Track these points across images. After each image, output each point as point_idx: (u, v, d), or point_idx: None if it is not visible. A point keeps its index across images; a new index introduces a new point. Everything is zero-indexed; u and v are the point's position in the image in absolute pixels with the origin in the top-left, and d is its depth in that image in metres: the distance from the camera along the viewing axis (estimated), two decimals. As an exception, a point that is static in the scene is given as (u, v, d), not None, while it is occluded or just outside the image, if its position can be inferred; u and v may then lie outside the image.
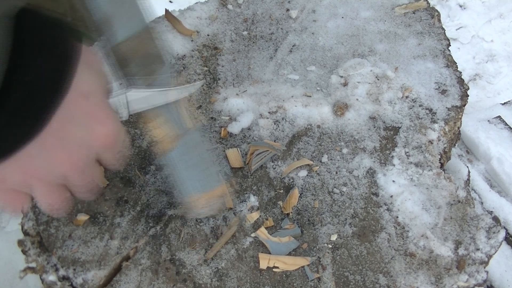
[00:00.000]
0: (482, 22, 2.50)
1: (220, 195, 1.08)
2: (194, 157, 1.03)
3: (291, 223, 1.13)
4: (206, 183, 1.05)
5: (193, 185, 1.04)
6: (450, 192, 1.18)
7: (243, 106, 1.32)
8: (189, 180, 1.04)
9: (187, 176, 1.04)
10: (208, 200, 1.06)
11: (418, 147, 1.25)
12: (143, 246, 1.09)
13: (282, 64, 1.42)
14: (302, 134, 1.28)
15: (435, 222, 1.14)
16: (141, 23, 0.95)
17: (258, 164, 1.21)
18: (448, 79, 1.38)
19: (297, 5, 1.58)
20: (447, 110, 1.31)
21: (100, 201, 1.15)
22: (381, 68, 1.40)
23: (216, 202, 1.08)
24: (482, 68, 2.34)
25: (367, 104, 1.33)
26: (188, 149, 1.02)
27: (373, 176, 1.21)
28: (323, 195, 1.18)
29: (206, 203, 1.06)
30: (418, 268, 1.08)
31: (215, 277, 1.06)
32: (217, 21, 1.52)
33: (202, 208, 1.07)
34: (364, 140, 1.27)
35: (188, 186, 1.04)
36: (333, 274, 1.07)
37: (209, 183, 1.05)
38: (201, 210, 1.07)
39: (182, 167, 1.03)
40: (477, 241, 1.12)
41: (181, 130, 1.00)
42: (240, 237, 1.11)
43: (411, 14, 1.54)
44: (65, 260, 1.06)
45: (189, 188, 1.04)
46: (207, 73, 1.39)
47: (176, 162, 1.02)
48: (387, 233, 1.13)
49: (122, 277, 1.05)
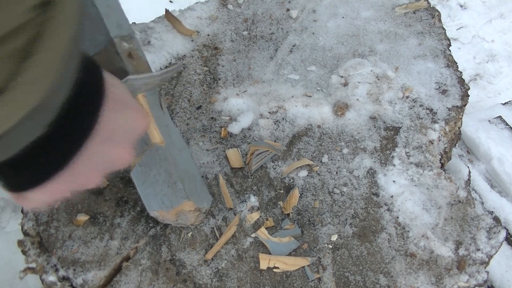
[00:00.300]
0: (483, 22, 2.49)
1: (189, 210, 1.06)
2: (161, 172, 1.02)
3: (291, 223, 1.13)
4: (173, 198, 1.04)
5: (158, 201, 1.04)
6: (450, 192, 1.18)
7: (243, 106, 1.32)
8: (153, 197, 1.04)
9: (153, 192, 1.04)
10: (177, 215, 1.06)
11: (418, 147, 1.25)
12: (143, 247, 1.09)
13: (283, 64, 1.42)
14: (302, 134, 1.28)
15: (435, 222, 1.14)
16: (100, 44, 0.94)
17: (258, 164, 1.21)
18: (448, 79, 1.37)
19: (297, 5, 1.57)
20: (447, 110, 1.31)
21: (100, 202, 1.15)
22: (381, 68, 1.39)
23: (188, 215, 1.07)
24: (482, 68, 2.34)
25: (367, 104, 1.32)
26: (153, 165, 1.02)
27: (373, 176, 1.21)
28: (323, 195, 1.18)
29: (177, 216, 1.06)
30: (419, 269, 1.08)
31: (215, 277, 1.06)
32: (217, 21, 1.52)
33: (176, 221, 1.08)
34: (365, 140, 1.27)
35: (153, 202, 1.04)
36: (333, 275, 1.07)
37: (176, 199, 1.04)
38: (177, 222, 1.08)
39: (145, 184, 1.03)
40: (477, 241, 1.11)
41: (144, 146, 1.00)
42: (240, 237, 1.11)
43: (412, 14, 1.54)
44: (65, 260, 1.06)
45: (153, 205, 1.04)
46: (207, 73, 1.39)
47: (140, 177, 1.03)
48: (387, 233, 1.13)
49: (122, 278, 1.05)
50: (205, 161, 1.23)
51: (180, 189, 1.04)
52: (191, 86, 1.36)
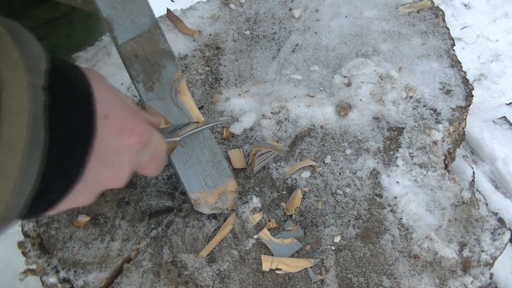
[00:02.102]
0: (487, 22, 2.48)
1: (231, 190, 1.08)
2: (205, 152, 1.03)
3: (294, 225, 1.12)
4: (215, 179, 1.04)
5: (201, 182, 1.04)
6: (454, 193, 1.17)
7: (245, 106, 1.31)
8: (194, 178, 1.04)
9: (192, 174, 1.03)
10: (219, 196, 1.05)
11: (422, 147, 1.24)
12: (145, 248, 1.09)
13: (285, 64, 1.41)
14: (305, 135, 1.27)
15: (439, 223, 1.13)
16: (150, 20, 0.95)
17: (260, 165, 1.20)
18: (452, 79, 1.36)
19: (300, 5, 1.57)
20: (451, 110, 1.30)
21: (101, 202, 1.14)
22: (385, 68, 1.38)
23: (228, 196, 1.08)
24: (487, 68, 2.33)
25: (370, 105, 1.31)
26: (196, 145, 1.02)
27: (376, 177, 1.20)
28: (326, 196, 1.17)
29: (218, 198, 1.06)
30: (422, 270, 1.07)
31: (217, 279, 1.05)
32: (219, 21, 1.51)
33: (215, 204, 1.07)
34: (368, 140, 1.26)
35: (194, 184, 1.04)
36: (336, 276, 1.06)
37: (216, 180, 1.05)
38: (215, 205, 1.07)
39: (185, 166, 1.03)
40: (482, 243, 1.11)
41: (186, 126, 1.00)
42: (243, 239, 1.11)
43: (415, 13, 1.53)
44: (65, 262, 1.06)
45: (195, 186, 1.04)
46: (209, 73, 1.38)
47: (182, 158, 1.02)
48: (391, 234, 1.12)
49: (123, 279, 1.05)
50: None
51: (225, 168, 1.07)
52: (192, 86, 1.35)
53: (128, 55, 0.95)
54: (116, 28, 0.92)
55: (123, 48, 0.94)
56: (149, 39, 0.97)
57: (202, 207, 1.07)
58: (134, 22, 0.95)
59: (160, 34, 0.99)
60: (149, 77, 0.99)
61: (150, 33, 0.96)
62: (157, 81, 0.99)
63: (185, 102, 1.03)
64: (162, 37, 1.00)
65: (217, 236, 1.10)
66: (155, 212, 1.13)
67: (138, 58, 0.96)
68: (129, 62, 0.96)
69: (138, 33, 0.95)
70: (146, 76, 0.99)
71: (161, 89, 1.00)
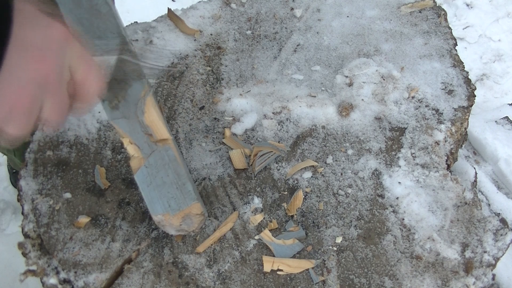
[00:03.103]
0: (490, 21, 2.48)
1: (196, 213, 1.05)
2: (170, 174, 1.01)
3: (295, 225, 1.12)
4: (179, 202, 1.03)
5: (164, 204, 1.02)
6: (457, 193, 1.16)
7: (246, 106, 1.30)
8: (158, 200, 1.02)
9: (156, 195, 1.02)
10: (183, 218, 1.04)
11: (424, 148, 1.23)
12: (145, 249, 1.08)
13: (287, 64, 1.41)
14: (306, 135, 1.27)
15: (441, 224, 1.13)
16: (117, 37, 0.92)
17: (262, 165, 1.19)
18: (454, 79, 1.36)
19: (301, 4, 1.56)
20: (453, 110, 1.30)
21: (101, 203, 1.14)
22: (386, 68, 1.38)
23: (194, 219, 1.05)
24: (489, 68, 2.33)
25: (372, 105, 1.31)
26: (161, 166, 1.00)
27: (378, 177, 1.20)
28: (328, 196, 1.17)
29: (182, 220, 1.04)
30: (425, 271, 1.07)
31: (218, 280, 1.05)
32: (220, 20, 1.51)
33: (179, 226, 1.05)
34: (370, 141, 1.26)
35: (157, 206, 1.02)
36: (338, 277, 1.06)
37: (184, 201, 1.03)
38: (180, 227, 1.05)
39: (150, 186, 1.02)
40: (484, 244, 1.10)
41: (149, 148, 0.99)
42: (244, 240, 1.10)
43: (417, 13, 1.52)
44: (66, 263, 1.05)
45: (158, 208, 1.03)
46: (210, 73, 1.38)
47: (146, 179, 1.01)
48: (393, 235, 1.11)
49: (124, 280, 1.04)
50: (208, 162, 1.22)
51: (189, 190, 1.03)
52: (193, 86, 1.35)
53: None
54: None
55: None
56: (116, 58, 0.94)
57: (167, 228, 1.05)
58: (102, 39, 0.92)
59: (128, 51, 0.97)
60: (115, 95, 0.97)
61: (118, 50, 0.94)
62: (122, 100, 0.97)
63: (151, 121, 1.00)
64: (130, 54, 0.97)
65: (216, 233, 1.10)
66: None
67: None
68: None
69: (106, 50, 0.92)
70: (112, 94, 0.96)
71: (126, 108, 0.97)
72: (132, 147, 0.98)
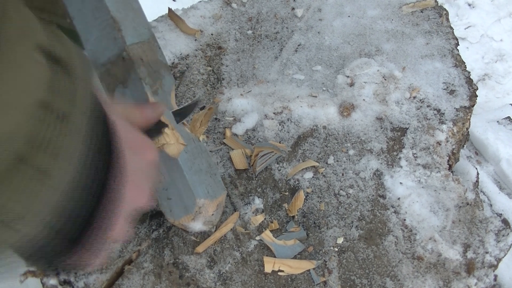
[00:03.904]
0: (491, 21, 2.47)
1: (222, 205, 1.06)
2: (204, 163, 1.02)
3: (296, 226, 1.12)
4: (215, 189, 1.03)
5: (204, 190, 1.02)
6: (458, 194, 1.16)
7: (247, 106, 1.30)
8: (200, 185, 1.02)
9: (197, 181, 1.02)
10: (217, 207, 1.04)
11: (426, 148, 1.23)
12: (146, 250, 1.08)
13: (288, 64, 1.41)
14: (307, 135, 1.26)
15: (443, 224, 1.12)
16: (148, 31, 0.96)
17: (262, 165, 1.19)
18: (456, 79, 1.36)
19: (302, 4, 1.56)
20: (455, 110, 1.29)
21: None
22: (388, 68, 1.38)
23: (219, 211, 1.06)
24: (491, 68, 2.32)
25: (374, 105, 1.31)
26: (197, 154, 1.01)
27: (380, 178, 1.19)
28: (329, 197, 1.16)
29: (216, 209, 1.04)
30: (426, 272, 1.06)
31: (219, 281, 1.05)
32: (221, 20, 1.50)
33: (211, 216, 1.05)
34: (371, 141, 1.25)
35: (200, 190, 1.02)
36: (339, 278, 1.05)
37: (217, 190, 1.04)
38: (210, 217, 1.05)
39: (190, 172, 1.01)
40: (486, 244, 1.10)
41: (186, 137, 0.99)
42: (245, 240, 1.10)
43: (419, 13, 1.52)
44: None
45: (200, 192, 1.02)
46: (211, 73, 1.38)
47: (187, 163, 1.01)
48: (394, 236, 1.11)
49: (124, 281, 1.04)
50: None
51: (220, 180, 1.06)
52: (194, 86, 1.34)
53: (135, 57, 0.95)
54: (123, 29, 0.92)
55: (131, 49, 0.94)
56: (149, 48, 0.97)
57: (198, 219, 1.05)
58: (136, 30, 0.95)
59: (158, 47, 1.00)
60: (154, 82, 0.99)
61: (150, 43, 0.97)
62: (160, 88, 0.99)
63: None
64: (159, 49, 1.00)
65: (217, 233, 1.09)
66: (156, 213, 1.12)
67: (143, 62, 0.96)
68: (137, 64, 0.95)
69: (141, 40, 0.95)
70: (152, 80, 0.98)
71: (163, 97, 1.00)
72: (173, 134, 0.98)
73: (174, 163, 1.00)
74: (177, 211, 1.01)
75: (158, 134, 0.91)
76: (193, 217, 1.02)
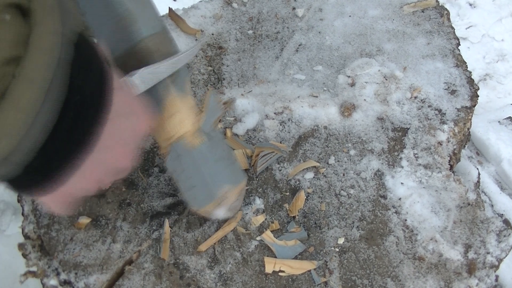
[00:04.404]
0: (493, 21, 2.47)
1: (244, 190, 1.07)
2: (225, 150, 1.02)
3: (297, 226, 1.11)
4: (237, 175, 1.04)
5: (228, 176, 1.02)
6: (459, 194, 1.16)
7: (248, 106, 1.30)
8: (223, 172, 1.02)
9: (221, 167, 1.01)
10: (239, 194, 1.05)
11: (427, 148, 1.23)
12: (146, 250, 1.08)
13: (288, 64, 1.40)
14: (308, 135, 1.26)
15: (444, 225, 1.12)
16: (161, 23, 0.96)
17: (263, 166, 1.19)
18: (457, 79, 1.35)
19: (303, 4, 1.56)
20: (456, 110, 1.29)
21: (102, 204, 1.13)
22: (389, 68, 1.37)
23: (240, 198, 1.07)
24: (492, 68, 2.31)
25: (375, 105, 1.30)
26: (218, 142, 1.01)
27: (381, 178, 1.19)
28: (330, 197, 1.16)
29: (238, 196, 1.05)
30: (427, 272, 1.06)
31: (220, 281, 1.04)
32: (221, 20, 1.50)
33: (235, 202, 1.05)
34: (372, 141, 1.25)
35: (224, 177, 1.02)
36: (340, 278, 1.05)
37: (239, 176, 1.04)
38: (232, 205, 1.05)
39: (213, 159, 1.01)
40: (487, 245, 1.10)
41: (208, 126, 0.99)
42: (245, 241, 1.10)
43: (420, 12, 1.52)
44: (66, 264, 1.05)
45: (224, 179, 1.01)
46: (212, 73, 1.38)
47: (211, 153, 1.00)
48: (395, 236, 1.11)
49: (124, 282, 1.04)
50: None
51: (240, 167, 1.08)
52: (195, 86, 1.34)
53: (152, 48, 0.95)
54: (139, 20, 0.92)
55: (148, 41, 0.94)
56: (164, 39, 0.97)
57: (222, 206, 1.05)
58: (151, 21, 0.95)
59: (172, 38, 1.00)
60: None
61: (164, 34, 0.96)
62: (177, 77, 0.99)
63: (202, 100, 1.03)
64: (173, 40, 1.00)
65: (219, 232, 1.09)
66: (156, 213, 1.12)
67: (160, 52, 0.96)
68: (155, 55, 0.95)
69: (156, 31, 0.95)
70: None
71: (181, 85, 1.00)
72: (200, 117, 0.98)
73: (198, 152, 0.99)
74: (201, 198, 1.01)
75: None
76: (218, 203, 1.02)
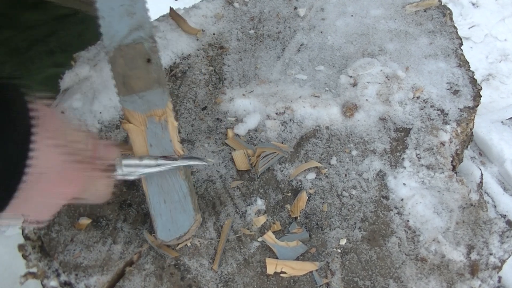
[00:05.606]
0: (496, 21, 2.46)
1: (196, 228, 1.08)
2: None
3: (299, 227, 1.11)
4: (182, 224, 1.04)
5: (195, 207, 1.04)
6: (462, 195, 1.15)
7: (249, 107, 1.29)
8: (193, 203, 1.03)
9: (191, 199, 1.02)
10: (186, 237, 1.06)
11: (429, 149, 1.22)
12: (147, 251, 1.07)
13: (290, 64, 1.40)
14: (310, 136, 1.25)
15: (447, 226, 1.11)
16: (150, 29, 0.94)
17: (265, 166, 1.18)
18: (460, 79, 1.35)
19: (305, 3, 1.55)
20: (459, 111, 1.28)
21: (102, 205, 1.13)
22: (391, 68, 1.37)
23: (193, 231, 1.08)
24: (495, 67, 2.31)
25: (377, 105, 1.30)
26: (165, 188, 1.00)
27: (383, 178, 1.19)
28: (332, 198, 1.16)
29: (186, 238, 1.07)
30: (430, 273, 1.05)
31: (221, 282, 1.04)
32: (223, 20, 1.50)
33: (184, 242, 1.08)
34: (374, 141, 1.24)
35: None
36: (342, 280, 1.05)
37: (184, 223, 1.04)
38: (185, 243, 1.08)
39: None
40: (490, 246, 1.09)
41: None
42: (247, 242, 1.09)
43: (422, 12, 1.51)
44: (66, 265, 1.05)
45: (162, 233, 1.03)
46: (213, 73, 1.37)
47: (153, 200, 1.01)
48: (397, 237, 1.10)
49: (125, 283, 1.03)
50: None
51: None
52: (196, 86, 1.34)
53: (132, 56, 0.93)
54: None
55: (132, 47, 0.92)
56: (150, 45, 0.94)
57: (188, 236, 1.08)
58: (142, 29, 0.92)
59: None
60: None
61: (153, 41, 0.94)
62: None
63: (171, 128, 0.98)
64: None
65: (220, 244, 1.09)
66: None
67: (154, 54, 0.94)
68: None
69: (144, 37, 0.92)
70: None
71: None
72: None
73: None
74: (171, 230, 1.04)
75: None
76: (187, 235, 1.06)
